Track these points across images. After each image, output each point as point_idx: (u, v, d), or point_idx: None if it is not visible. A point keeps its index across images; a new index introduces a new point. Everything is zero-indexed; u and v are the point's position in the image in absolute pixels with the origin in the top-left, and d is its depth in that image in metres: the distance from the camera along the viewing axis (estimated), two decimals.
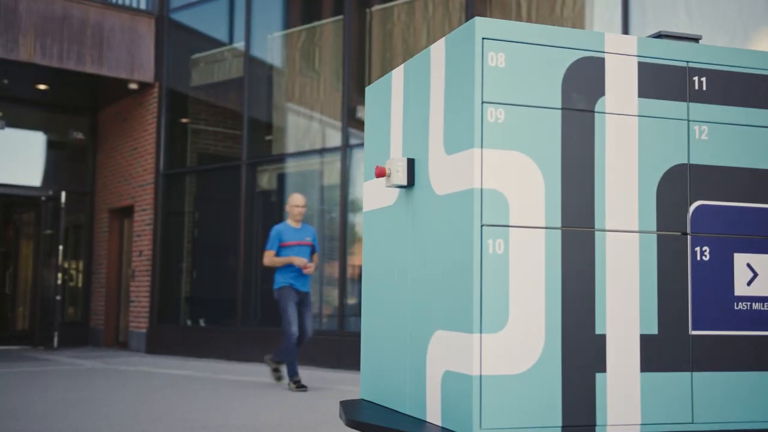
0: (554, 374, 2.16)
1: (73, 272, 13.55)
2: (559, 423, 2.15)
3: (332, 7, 11.07)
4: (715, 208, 2.30)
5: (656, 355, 2.24)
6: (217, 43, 11.91)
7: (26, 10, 10.82)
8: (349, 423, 2.29)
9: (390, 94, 2.63)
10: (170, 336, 11.46)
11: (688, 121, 2.31)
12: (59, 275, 12.26)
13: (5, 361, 10.24)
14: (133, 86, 11.90)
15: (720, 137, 2.31)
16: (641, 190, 2.27)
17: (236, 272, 10.72)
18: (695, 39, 2.36)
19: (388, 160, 2.45)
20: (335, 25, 10.36)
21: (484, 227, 2.12)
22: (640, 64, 2.30)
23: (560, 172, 2.20)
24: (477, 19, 2.15)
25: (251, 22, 11.21)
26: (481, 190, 2.12)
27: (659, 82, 2.30)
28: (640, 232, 2.26)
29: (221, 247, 11.31)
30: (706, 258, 2.28)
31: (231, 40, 11.72)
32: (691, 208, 2.31)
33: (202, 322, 11.50)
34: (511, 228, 2.15)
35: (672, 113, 2.31)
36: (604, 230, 2.24)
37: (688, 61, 2.33)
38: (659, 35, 2.38)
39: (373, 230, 2.70)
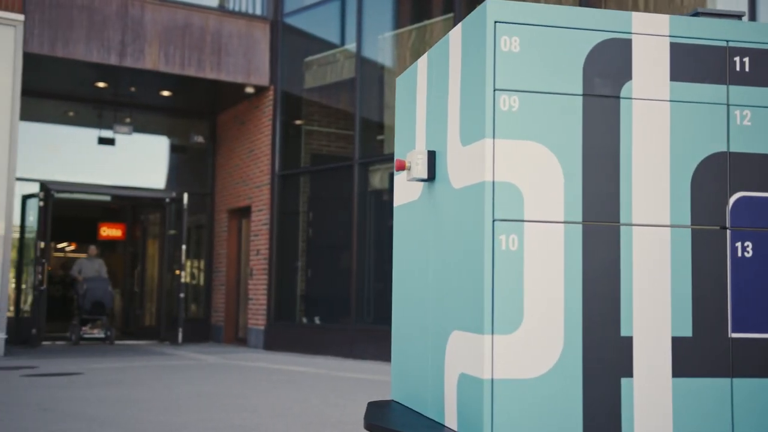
0: (574, 378, 2.02)
1: (195, 271, 14.12)
2: (580, 431, 2.01)
3: (442, 5, 11.00)
4: (759, 200, 2.09)
5: (690, 359, 2.06)
6: (329, 46, 12.09)
7: (151, 21, 11.36)
8: (366, 426, 2.23)
9: (416, 83, 2.55)
10: (287, 333, 11.73)
11: (728, 105, 2.11)
12: (181, 274, 12.81)
13: (134, 355, 10.80)
14: (250, 90, 12.26)
15: (764, 122, 2.10)
16: (673, 181, 2.09)
17: (349, 271, 10.83)
18: (737, 16, 2.15)
19: (408, 153, 2.37)
20: (445, 24, 10.30)
21: (496, 222, 2.02)
22: (672, 45, 2.12)
23: (581, 162, 2.06)
24: (489, 1, 2.04)
25: (362, 23, 11.30)
26: (493, 182, 2.02)
27: (695, 63, 2.11)
28: (672, 226, 2.09)
29: (334, 246, 11.47)
30: (749, 254, 2.08)
31: (343, 42, 11.87)
32: (731, 200, 2.10)
33: (317, 320, 11.69)
34: (525, 223, 2.03)
35: (709, 97, 2.11)
36: (631, 225, 2.07)
37: (728, 41, 2.13)
38: (696, 13, 2.18)
39: (401, 226, 2.63)
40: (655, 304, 2.07)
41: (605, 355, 2.04)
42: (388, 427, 2.18)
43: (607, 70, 2.09)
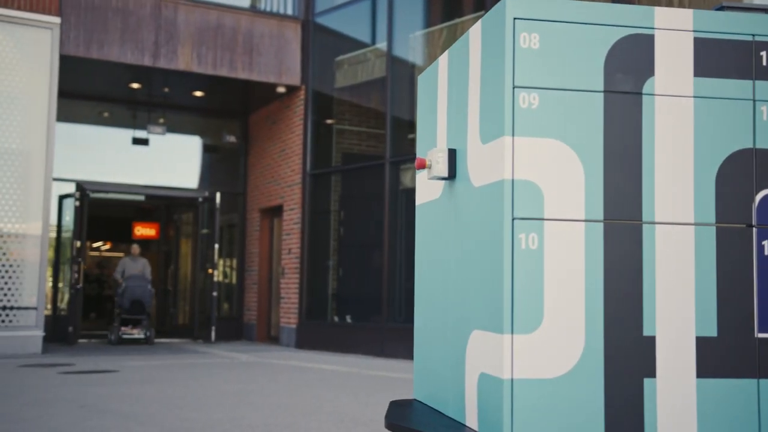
0: (595, 379, 1.99)
1: (228, 270, 14.24)
2: None
3: (473, 3, 10.96)
4: None
5: (715, 359, 2.02)
6: (360, 45, 12.11)
7: (184, 22, 11.48)
8: (387, 425, 2.23)
9: (437, 81, 2.54)
10: (318, 332, 11.77)
11: (754, 100, 2.07)
12: (214, 272, 12.92)
13: (168, 353, 10.92)
14: (281, 90, 12.33)
15: None
16: (697, 178, 2.05)
17: (381, 269, 10.84)
18: (764, 10, 2.10)
19: (429, 151, 2.36)
20: (476, 22, 10.26)
21: (515, 221, 2.00)
22: (696, 39, 2.08)
23: (602, 159, 2.03)
24: None
25: (393, 22, 11.30)
26: (512, 181, 2.00)
27: (719, 58, 2.07)
28: (696, 224, 2.05)
29: (366, 245, 11.49)
30: None
31: (374, 41, 11.88)
32: (758, 198, 2.06)
33: (348, 319, 11.72)
34: (546, 221, 2.01)
35: (734, 93, 2.07)
36: (654, 223, 2.04)
37: (754, 35, 2.08)
38: (721, 7, 2.14)
39: (423, 225, 2.62)
40: (679, 303, 2.03)
41: (627, 355, 2.01)
42: (409, 427, 2.17)
43: (629, 66, 2.05)
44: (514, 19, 2.03)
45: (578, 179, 2.03)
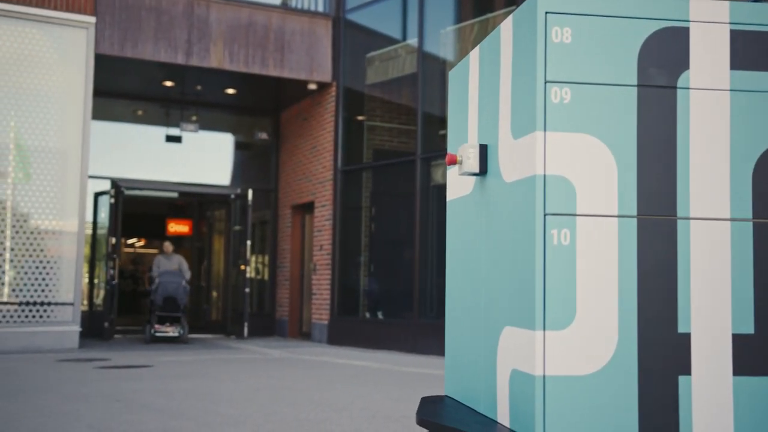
0: (629, 376, 1.97)
1: (260, 266, 14.32)
2: (636, 431, 1.97)
3: None
4: None
5: (752, 357, 1.99)
6: (391, 41, 12.10)
7: (216, 20, 11.56)
8: (419, 421, 2.22)
9: (468, 76, 2.53)
10: (350, 328, 11.81)
11: None
12: (246, 269, 13.00)
13: (202, 349, 11.03)
14: (312, 87, 12.37)
15: None
16: (734, 172, 2.02)
17: (412, 265, 10.84)
18: None
19: (460, 147, 2.35)
20: (508, 17, 10.20)
21: (547, 216, 1.98)
22: (733, 32, 2.04)
23: (636, 154, 2.01)
24: None
25: (424, 18, 11.28)
26: (544, 176, 1.98)
27: (756, 51, 2.04)
28: (732, 219, 2.02)
29: (397, 241, 11.49)
30: None
31: (404, 37, 11.86)
32: None
33: (379, 315, 11.74)
34: (578, 217, 1.99)
35: None
36: (688, 218, 2.01)
37: None
38: None
39: (454, 221, 2.62)
40: (715, 299, 2.00)
41: (662, 353, 1.98)
42: (441, 423, 2.16)
43: (664, 59, 2.03)
44: (546, 13, 2.01)
45: (611, 174, 2.01)
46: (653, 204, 2.01)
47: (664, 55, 2.03)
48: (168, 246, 12.83)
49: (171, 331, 12.02)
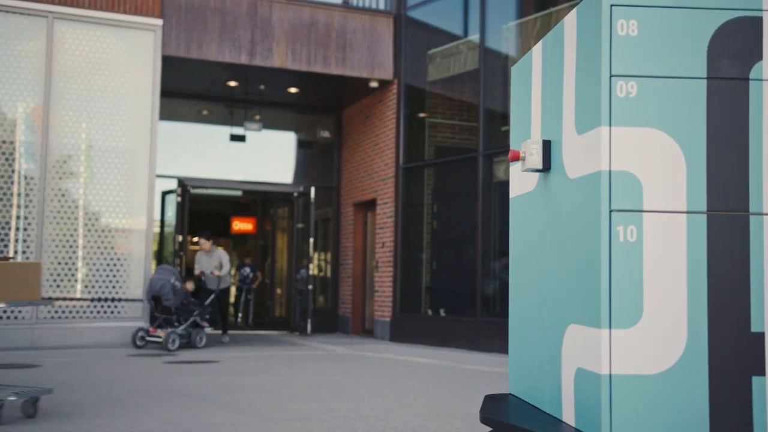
0: (699, 376, 1.93)
1: (323, 263, 14.43)
2: None
3: None
4: None
5: None
6: (452, 37, 12.04)
7: (279, 20, 11.68)
8: (482, 419, 2.21)
9: (531, 71, 2.50)
10: (412, 325, 11.81)
11: None
12: (309, 266, 13.11)
13: (266, 345, 11.18)
14: (374, 84, 12.40)
15: None
16: None
17: (474, 263, 10.78)
18: None
19: (523, 143, 2.33)
20: (571, 11, 10.04)
21: (613, 213, 1.95)
22: None
23: (705, 149, 1.96)
24: None
25: (485, 13, 11.19)
26: (610, 172, 1.95)
27: None
28: None
29: (459, 238, 11.44)
30: None
31: (466, 33, 11.79)
32: None
33: (442, 312, 11.71)
34: (645, 213, 1.95)
35: None
36: (762, 214, 1.95)
37: None
38: None
39: (517, 218, 2.59)
40: None
41: (734, 352, 1.93)
42: (504, 421, 2.15)
43: (735, 50, 1.97)
44: (612, 5, 1.97)
45: (679, 169, 1.96)
46: (724, 200, 1.95)
47: (736, 46, 1.97)
48: (204, 243, 11.48)
49: (157, 336, 10.02)
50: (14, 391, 4.56)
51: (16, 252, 10.05)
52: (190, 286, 10.79)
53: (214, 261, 11.52)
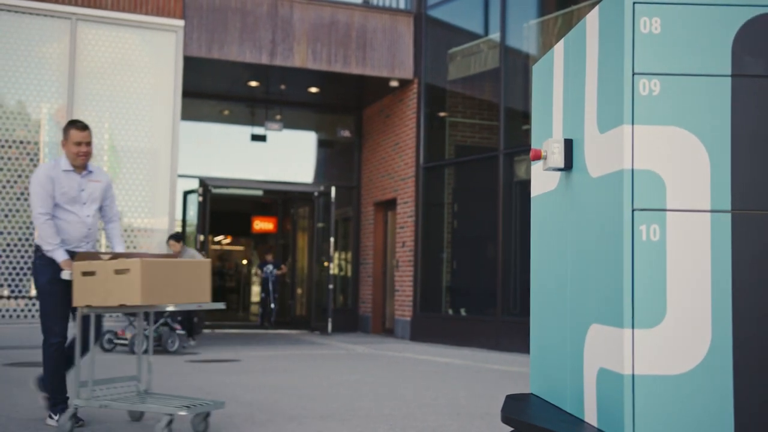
0: (724, 376, 1.91)
1: (343, 263, 14.45)
2: None
3: None
4: None
5: None
6: (472, 36, 12.02)
7: (299, 20, 11.71)
8: (504, 419, 2.21)
9: (552, 70, 2.49)
10: (432, 324, 11.80)
11: None
12: (330, 265, 13.13)
13: (287, 344, 11.21)
14: (394, 84, 12.39)
15: None
16: None
17: (495, 262, 10.75)
18: None
19: (544, 142, 2.32)
20: (593, 9, 9.98)
21: (636, 212, 1.94)
22: None
23: (729, 147, 1.94)
24: None
25: (506, 12, 11.16)
26: (632, 170, 1.94)
27: None
28: None
29: (480, 238, 11.41)
30: None
31: (486, 32, 11.76)
32: None
33: (462, 312, 11.69)
34: (668, 212, 1.94)
35: None
36: None
37: None
38: None
39: (538, 217, 2.58)
40: None
41: (759, 352, 1.91)
42: (526, 421, 2.14)
43: (760, 47, 1.95)
44: (634, 3, 1.96)
45: (703, 168, 1.94)
46: (749, 198, 1.93)
47: (761, 43, 1.95)
48: (174, 244, 10.28)
49: (126, 338, 9.51)
50: (183, 404, 4.20)
51: None
52: None
53: None
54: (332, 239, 13.21)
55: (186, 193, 13.34)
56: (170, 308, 4.12)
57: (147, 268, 3.94)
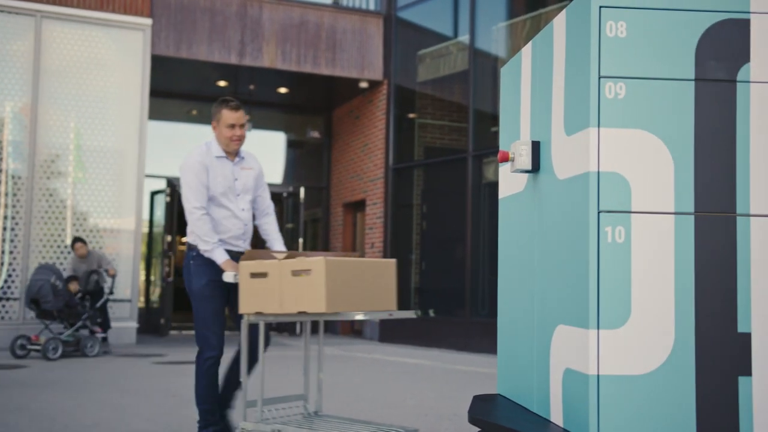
0: (686, 376, 1.94)
1: None
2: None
3: None
4: None
5: None
6: (442, 38, 12.06)
7: (269, 20, 11.67)
8: (471, 420, 2.22)
9: (520, 72, 2.50)
10: (401, 326, 11.81)
11: None
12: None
13: None
14: (364, 85, 12.39)
15: None
16: None
17: (464, 263, 10.79)
18: None
19: (512, 144, 2.33)
20: (560, 12, 10.07)
21: (601, 213, 1.96)
22: None
23: (693, 150, 1.97)
24: None
25: (475, 14, 11.22)
26: (598, 173, 1.96)
27: None
28: None
29: (449, 239, 11.45)
30: None
31: (456, 34, 11.81)
32: None
33: (431, 313, 11.72)
34: (633, 214, 1.96)
35: None
36: (748, 215, 1.96)
37: None
38: None
39: (506, 218, 2.59)
40: None
41: (721, 353, 1.94)
42: (493, 422, 2.15)
43: (723, 52, 1.98)
44: (600, 7, 1.98)
45: (667, 171, 1.97)
46: (711, 201, 1.96)
47: (723, 48, 1.98)
48: (79, 247, 9.60)
49: (39, 344, 8.68)
50: (370, 430, 3.54)
51: (2, 252, 9.99)
52: (74, 286, 9.23)
53: (92, 265, 9.73)
54: (301, 240, 13.17)
55: (153, 194, 13.20)
56: (359, 317, 3.37)
57: (332, 268, 3.22)
